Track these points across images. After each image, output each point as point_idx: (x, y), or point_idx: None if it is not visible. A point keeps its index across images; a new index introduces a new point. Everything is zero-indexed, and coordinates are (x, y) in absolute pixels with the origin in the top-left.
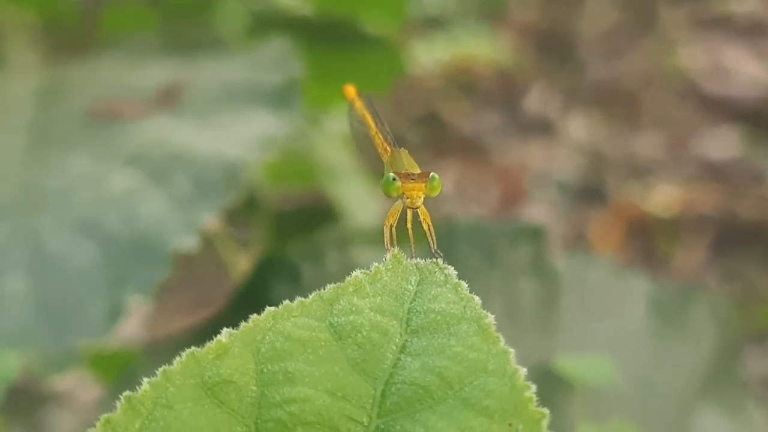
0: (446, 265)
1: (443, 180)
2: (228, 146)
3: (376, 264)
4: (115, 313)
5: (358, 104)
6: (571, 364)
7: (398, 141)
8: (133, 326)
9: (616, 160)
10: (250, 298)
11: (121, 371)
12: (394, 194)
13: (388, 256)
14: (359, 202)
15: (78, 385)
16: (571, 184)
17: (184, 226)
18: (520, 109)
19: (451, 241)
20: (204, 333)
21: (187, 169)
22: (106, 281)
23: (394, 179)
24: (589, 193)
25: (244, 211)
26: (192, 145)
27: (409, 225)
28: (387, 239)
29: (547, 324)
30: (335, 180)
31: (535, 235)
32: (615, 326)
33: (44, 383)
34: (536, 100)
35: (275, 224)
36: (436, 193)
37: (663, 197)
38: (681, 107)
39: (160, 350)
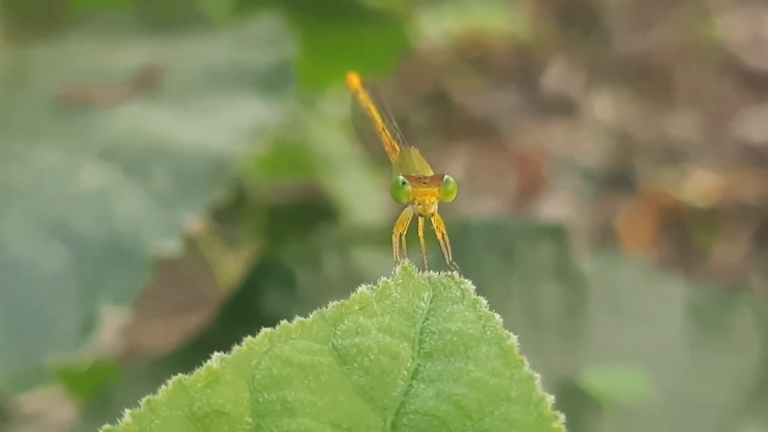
0: (463, 279)
1: (453, 168)
2: (213, 136)
3: (384, 278)
4: (88, 325)
5: (362, 95)
6: (599, 378)
7: (402, 124)
8: (109, 334)
9: (647, 143)
10: (240, 308)
11: (96, 388)
12: (404, 200)
13: (398, 269)
14: (361, 195)
15: (49, 402)
16: (597, 170)
17: (165, 227)
18: (539, 87)
19: (464, 242)
20: (191, 348)
21: (167, 162)
22: (78, 289)
23: (404, 183)
24: (616, 180)
25: (233, 207)
26: (173, 135)
27: (420, 233)
28: (396, 250)
29: (572, 332)
30: (334, 171)
31: (557, 233)
32: (648, 335)
33: (11, 401)
34: (557, 77)
35: (267, 222)
36: (451, 198)
37: (700, 184)
38: (719, 83)
39: (141, 366)
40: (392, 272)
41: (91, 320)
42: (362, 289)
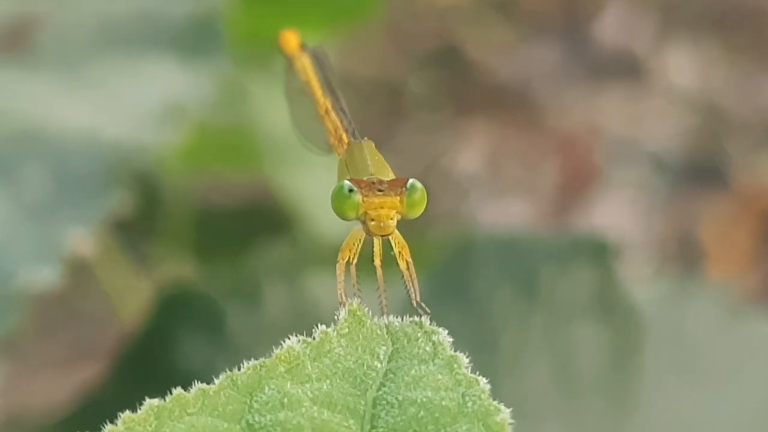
0: (435, 328)
1: (468, 154)
2: (111, 118)
3: (323, 327)
4: None
5: (301, 63)
6: None
7: (397, 93)
8: None
9: (743, 118)
10: (146, 358)
11: None
12: (352, 215)
13: (343, 313)
14: (325, 197)
15: None
16: (672, 158)
17: (41, 248)
18: (590, 40)
19: (467, 265)
20: (79, 412)
21: (44, 156)
22: None
23: (350, 191)
24: (700, 172)
25: (143, 215)
26: (51, 117)
27: (377, 261)
28: (341, 285)
29: (620, 394)
30: (288, 162)
31: (600, 251)
32: (730, 401)
33: None
34: (616, 25)
35: (192, 236)
36: (417, 212)
37: None
38: None
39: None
40: (335, 317)
41: None
42: (291, 342)
